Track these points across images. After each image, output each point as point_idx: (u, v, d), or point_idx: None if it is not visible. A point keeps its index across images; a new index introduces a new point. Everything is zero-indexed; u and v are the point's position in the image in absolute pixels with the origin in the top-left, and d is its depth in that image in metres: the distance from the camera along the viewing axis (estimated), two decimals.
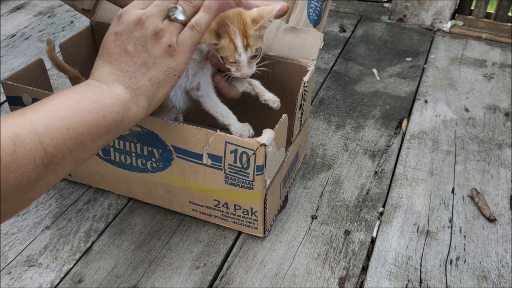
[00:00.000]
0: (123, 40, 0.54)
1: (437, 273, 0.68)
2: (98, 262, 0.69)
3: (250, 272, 0.68)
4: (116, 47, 0.54)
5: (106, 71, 0.53)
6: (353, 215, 0.77)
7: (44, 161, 0.44)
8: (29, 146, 0.43)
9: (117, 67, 0.53)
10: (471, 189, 0.82)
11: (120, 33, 0.54)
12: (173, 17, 0.54)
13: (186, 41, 0.55)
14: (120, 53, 0.53)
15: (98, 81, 0.53)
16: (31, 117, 0.45)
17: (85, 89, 0.51)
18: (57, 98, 0.49)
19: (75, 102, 0.49)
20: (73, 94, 0.50)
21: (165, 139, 0.66)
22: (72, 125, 0.47)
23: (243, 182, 0.65)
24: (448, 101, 1.05)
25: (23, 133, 0.43)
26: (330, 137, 0.94)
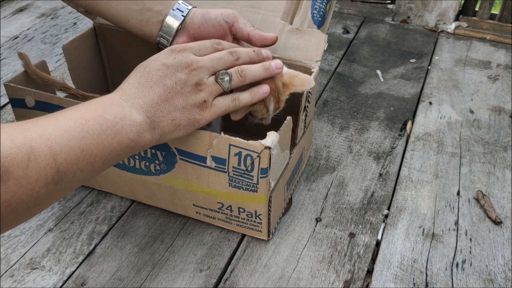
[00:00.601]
0: (167, 74, 0.55)
1: (443, 276, 0.68)
2: (101, 265, 0.68)
3: (254, 275, 0.67)
4: (158, 76, 0.55)
5: (136, 93, 0.54)
6: (358, 217, 0.77)
7: (55, 179, 0.44)
8: (43, 163, 0.43)
9: (148, 94, 0.54)
10: (477, 191, 0.81)
11: (168, 66, 0.55)
12: (219, 80, 0.58)
13: (221, 106, 0.59)
14: (158, 83, 0.55)
15: (123, 101, 0.53)
16: (49, 132, 0.44)
17: (107, 109, 0.51)
18: (79, 113, 0.48)
19: (95, 123, 0.48)
20: (95, 112, 0.49)
21: (169, 141, 0.66)
22: (88, 147, 0.47)
23: (247, 184, 0.65)
24: (453, 102, 1.04)
25: (38, 149, 0.43)
26: (334, 139, 0.93)
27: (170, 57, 0.56)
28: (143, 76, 0.55)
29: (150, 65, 0.56)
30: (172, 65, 0.56)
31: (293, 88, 0.63)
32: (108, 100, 0.52)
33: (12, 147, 0.41)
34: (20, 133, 0.42)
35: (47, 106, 0.71)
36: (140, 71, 0.56)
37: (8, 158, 0.40)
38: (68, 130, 0.46)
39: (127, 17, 0.68)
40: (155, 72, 0.55)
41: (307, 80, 0.64)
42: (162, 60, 0.56)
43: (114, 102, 0.52)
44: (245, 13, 0.79)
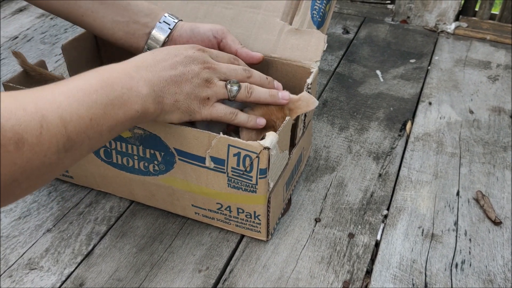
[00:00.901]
0: (183, 61, 0.58)
1: (442, 276, 0.67)
2: (99, 266, 0.68)
3: (253, 276, 0.67)
4: (174, 61, 0.58)
5: (148, 67, 0.56)
6: (357, 218, 0.76)
7: (65, 146, 0.46)
8: (55, 130, 0.45)
9: (160, 71, 0.56)
10: (476, 191, 0.81)
11: (186, 56, 0.59)
12: (229, 86, 0.61)
13: (219, 111, 0.61)
14: (172, 66, 0.57)
15: (133, 71, 0.54)
16: (60, 101, 0.46)
17: (115, 79, 0.52)
18: (88, 82, 0.50)
19: (103, 92, 0.50)
20: (104, 81, 0.51)
21: (168, 141, 0.66)
22: (96, 116, 0.49)
23: (246, 185, 0.65)
24: (453, 103, 1.04)
25: (50, 117, 0.44)
26: (333, 139, 0.93)
27: (190, 50, 0.60)
28: (159, 56, 0.57)
29: (169, 49, 0.59)
30: (190, 56, 0.59)
31: (299, 111, 0.66)
32: (118, 70, 0.53)
33: (25, 115, 0.42)
34: (31, 101, 0.44)
35: None
36: (158, 51, 0.58)
37: (22, 126, 0.41)
38: (78, 99, 0.47)
39: (113, 29, 0.69)
40: (172, 57, 0.58)
41: (311, 101, 0.65)
42: (182, 50, 0.59)
43: (123, 72, 0.53)
44: (244, 14, 0.79)
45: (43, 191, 0.80)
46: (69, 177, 0.80)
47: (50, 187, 0.81)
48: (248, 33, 0.78)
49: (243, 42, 0.78)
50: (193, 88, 0.58)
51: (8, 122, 0.41)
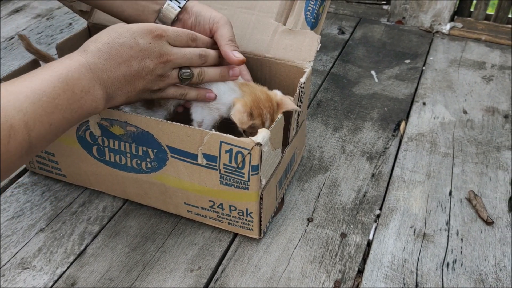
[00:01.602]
0: (137, 56, 0.58)
1: (433, 276, 0.68)
2: (91, 265, 0.68)
3: (245, 275, 0.67)
4: (128, 55, 0.57)
5: (104, 65, 0.56)
6: (350, 217, 0.77)
7: (27, 151, 0.49)
8: (20, 138, 0.48)
9: (115, 70, 0.57)
10: (469, 191, 0.81)
11: (140, 49, 0.58)
12: (181, 77, 0.63)
13: (169, 94, 0.64)
14: (126, 63, 0.58)
15: (91, 70, 0.55)
16: (25, 108, 0.48)
17: (76, 80, 0.53)
18: (52, 84, 0.51)
19: (65, 97, 0.52)
20: (67, 84, 0.52)
21: (160, 139, 0.66)
22: (55, 121, 0.51)
23: (238, 182, 0.65)
24: (447, 103, 1.04)
25: (17, 126, 0.47)
26: (327, 139, 0.93)
27: (146, 39, 0.58)
28: (114, 47, 0.57)
29: (124, 38, 0.57)
30: (145, 49, 0.58)
31: (285, 107, 0.68)
32: (79, 68, 0.54)
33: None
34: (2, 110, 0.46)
35: None
36: (112, 38, 0.57)
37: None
38: (42, 105, 0.50)
39: (122, 6, 0.69)
40: (127, 49, 0.57)
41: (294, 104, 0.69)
42: (138, 39, 0.58)
43: (83, 72, 0.54)
44: (239, 14, 0.80)
45: (37, 191, 0.80)
46: (62, 176, 0.80)
47: (44, 187, 0.81)
48: (243, 33, 0.78)
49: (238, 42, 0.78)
50: (146, 84, 0.60)
51: None
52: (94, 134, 0.70)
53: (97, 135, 0.70)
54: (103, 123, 0.68)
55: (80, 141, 0.72)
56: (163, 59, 0.60)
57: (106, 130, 0.68)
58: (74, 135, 0.71)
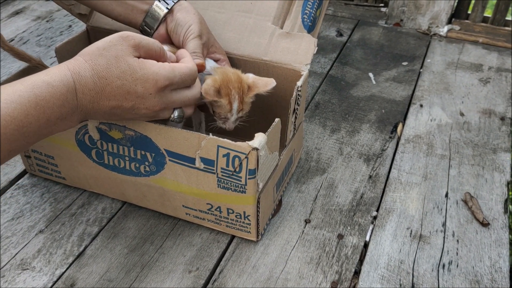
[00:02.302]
0: (131, 100, 0.55)
1: (429, 277, 0.68)
2: (90, 266, 0.69)
3: (242, 276, 0.68)
4: (122, 97, 0.55)
5: (94, 97, 0.53)
6: (347, 219, 0.77)
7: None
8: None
9: (100, 102, 0.54)
10: (465, 193, 0.82)
11: (138, 96, 0.55)
12: (171, 121, 0.62)
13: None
14: (118, 100, 0.55)
15: (76, 98, 0.52)
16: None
17: (57, 108, 0.50)
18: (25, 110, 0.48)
19: (37, 124, 0.49)
20: (41, 113, 0.49)
21: (158, 143, 0.66)
22: (16, 147, 0.49)
23: (236, 186, 0.66)
24: (444, 105, 1.05)
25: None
26: (325, 141, 0.94)
27: (147, 89, 0.56)
28: (110, 85, 0.54)
29: (124, 81, 0.54)
30: (143, 98, 0.56)
31: (257, 90, 0.67)
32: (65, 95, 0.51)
33: None
34: None
35: None
36: (112, 74, 0.53)
37: None
38: (6, 133, 0.46)
39: (111, 4, 0.70)
40: (123, 93, 0.55)
41: (269, 82, 0.68)
42: (138, 86, 0.55)
43: (68, 99, 0.51)
44: (236, 18, 0.80)
45: (36, 193, 0.81)
46: (61, 178, 0.81)
47: (43, 189, 0.81)
48: (240, 36, 0.79)
49: (235, 45, 0.79)
50: (132, 116, 0.58)
51: None
52: (93, 138, 0.70)
53: (96, 138, 0.70)
54: (101, 127, 0.68)
55: (79, 144, 0.73)
56: (160, 107, 0.58)
57: (104, 134, 0.69)
58: (73, 138, 0.72)
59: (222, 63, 0.74)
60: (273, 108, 0.80)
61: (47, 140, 0.75)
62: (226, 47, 0.78)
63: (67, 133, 0.72)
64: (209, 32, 0.73)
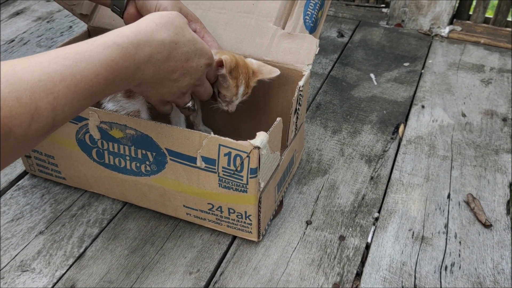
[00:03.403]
0: (184, 69, 0.59)
1: (431, 279, 0.68)
2: (91, 268, 0.69)
3: (243, 278, 0.68)
4: (180, 64, 0.58)
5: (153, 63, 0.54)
6: (348, 220, 0.77)
7: (46, 134, 0.45)
8: (44, 122, 0.43)
9: (159, 70, 0.56)
10: (467, 194, 0.81)
11: (191, 66, 0.59)
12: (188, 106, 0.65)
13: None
14: (173, 66, 0.57)
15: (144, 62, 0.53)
16: (58, 91, 0.44)
17: (124, 70, 0.51)
18: (96, 70, 0.47)
19: (103, 90, 0.49)
20: (111, 78, 0.49)
21: (159, 142, 0.66)
22: (85, 105, 0.48)
23: (237, 185, 0.65)
24: (445, 106, 1.04)
25: (43, 109, 0.43)
26: (326, 142, 0.94)
27: (202, 61, 0.60)
28: (176, 50, 0.56)
29: (187, 48, 0.58)
30: (195, 69, 0.60)
31: (261, 76, 0.70)
32: (132, 59, 0.51)
33: (18, 107, 0.41)
34: (28, 89, 0.42)
35: None
36: (179, 40, 0.56)
37: (12, 118, 0.40)
38: (77, 92, 0.46)
39: None
40: (183, 59, 0.58)
41: (273, 70, 0.71)
42: (197, 56, 0.59)
43: (135, 62, 0.52)
44: (238, 18, 0.80)
45: (36, 194, 0.80)
46: (61, 178, 0.80)
47: (43, 190, 0.81)
48: (241, 37, 0.79)
49: (236, 45, 0.78)
50: (168, 91, 0.60)
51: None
52: (94, 137, 0.70)
53: (97, 138, 0.70)
54: (102, 126, 0.68)
55: (79, 144, 0.72)
56: (194, 84, 0.62)
57: (105, 133, 0.69)
58: (74, 138, 0.72)
59: (201, 33, 0.72)
60: (275, 109, 0.80)
61: (48, 139, 0.75)
62: (228, 47, 0.78)
63: (67, 133, 0.72)
64: (180, 2, 0.71)
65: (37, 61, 0.44)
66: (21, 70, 0.42)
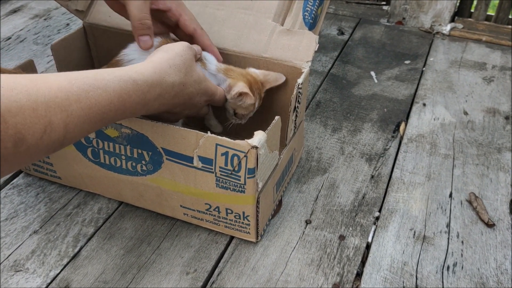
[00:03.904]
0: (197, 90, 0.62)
1: (433, 279, 0.66)
2: (86, 268, 0.67)
3: (241, 278, 0.66)
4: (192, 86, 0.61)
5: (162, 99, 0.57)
6: (348, 219, 0.75)
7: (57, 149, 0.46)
8: (55, 137, 0.45)
9: (168, 103, 0.58)
10: (469, 193, 0.80)
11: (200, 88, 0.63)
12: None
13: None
14: (187, 95, 0.61)
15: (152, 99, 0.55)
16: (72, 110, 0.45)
17: (133, 103, 0.53)
18: (109, 98, 0.49)
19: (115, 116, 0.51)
20: (121, 107, 0.51)
21: (155, 141, 0.65)
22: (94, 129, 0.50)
23: (235, 185, 0.64)
24: (447, 104, 1.03)
25: (56, 124, 0.44)
26: (326, 140, 0.92)
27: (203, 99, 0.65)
28: (188, 88, 0.60)
29: (195, 86, 0.61)
30: (195, 106, 0.65)
31: (269, 85, 0.71)
32: (143, 94, 0.54)
33: (32, 117, 0.42)
34: (44, 102, 0.43)
35: None
36: (190, 79, 0.60)
37: (26, 126, 0.41)
38: (89, 114, 0.48)
39: None
40: (188, 98, 0.61)
41: (279, 76, 0.72)
42: (200, 93, 0.63)
43: (145, 99, 0.54)
44: (236, 15, 0.79)
45: (31, 192, 0.79)
46: (57, 178, 0.79)
47: (38, 188, 0.80)
48: (240, 33, 0.77)
49: (234, 42, 0.77)
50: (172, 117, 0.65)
51: (13, 118, 0.40)
52: (89, 136, 0.69)
53: (92, 137, 0.69)
54: None
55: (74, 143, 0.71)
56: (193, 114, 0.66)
57: (100, 132, 0.67)
58: None
59: (177, 12, 0.69)
60: (273, 107, 0.79)
61: None
62: (225, 44, 0.77)
63: None
64: None
65: (55, 79, 0.46)
66: (40, 84, 0.44)
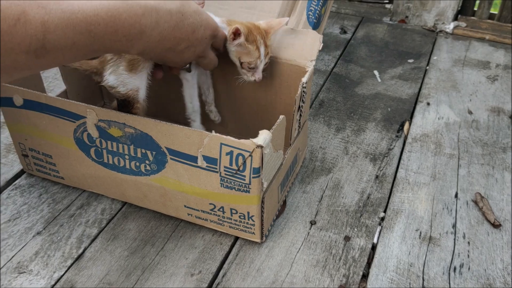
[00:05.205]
0: (190, 41, 0.59)
1: (440, 280, 0.66)
2: (90, 269, 0.67)
3: (246, 280, 0.66)
4: (185, 36, 0.58)
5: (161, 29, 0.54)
6: (353, 220, 0.75)
7: (37, 52, 0.44)
8: (31, 31, 0.42)
9: (164, 39, 0.55)
10: (475, 193, 0.79)
11: (196, 38, 0.60)
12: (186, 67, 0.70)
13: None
14: (179, 37, 0.57)
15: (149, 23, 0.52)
16: (52, 10, 0.43)
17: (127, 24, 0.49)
18: (95, 10, 0.46)
19: (102, 30, 0.48)
20: (112, 22, 0.48)
21: (159, 140, 0.64)
22: (80, 43, 0.47)
23: (239, 185, 0.63)
24: (451, 103, 1.02)
25: (31, 17, 0.42)
26: (330, 140, 0.92)
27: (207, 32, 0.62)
28: (182, 20, 0.56)
29: (192, 19, 0.58)
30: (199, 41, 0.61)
31: (273, 30, 0.70)
32: (139, 16, 0.50)
33: (5, 4, 0.40)
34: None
35: (35, 105, 0.69)
36: (186, 11, 0.56)
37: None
38: (73, 20, 0.45)
39: None
40: (189, 30, 0.58)
41: (281, 19, 0.71)
42: (202, 28, 0.60)
43: (140, 20, 0.50)
44: (239, 14, 0.78)
45: (34, 193, 0.78)
46: (60, 178, 0.78)
47: (41, 189, 0.79)
48: None
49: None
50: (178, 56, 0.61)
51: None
52: (92, 135, 0.68)
53: (95, 136, 0.68)
54: (100, 125, 0.66)
55: (77, 143, 0.70)
56: (199, 55, 0.63)
57: (104, 131, 0.67)
58: (72, 136, 0.70)
59: None
60: (277, 106, 0.78)
61: (45, 138, 0.73)
62: None
63: (65, 131, 0.70)
64: None
65: None
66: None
